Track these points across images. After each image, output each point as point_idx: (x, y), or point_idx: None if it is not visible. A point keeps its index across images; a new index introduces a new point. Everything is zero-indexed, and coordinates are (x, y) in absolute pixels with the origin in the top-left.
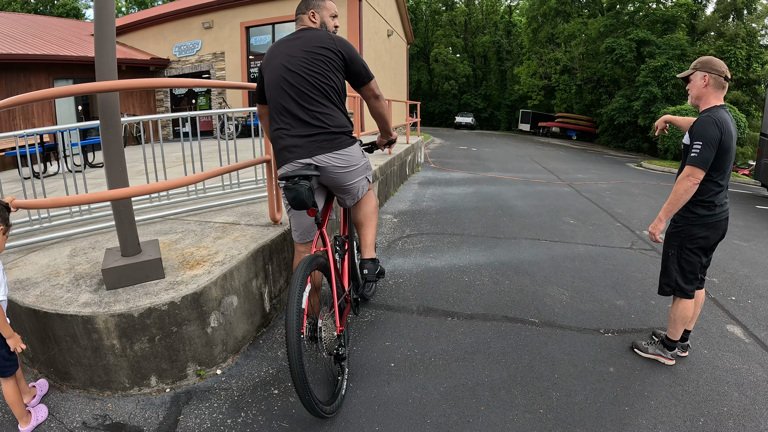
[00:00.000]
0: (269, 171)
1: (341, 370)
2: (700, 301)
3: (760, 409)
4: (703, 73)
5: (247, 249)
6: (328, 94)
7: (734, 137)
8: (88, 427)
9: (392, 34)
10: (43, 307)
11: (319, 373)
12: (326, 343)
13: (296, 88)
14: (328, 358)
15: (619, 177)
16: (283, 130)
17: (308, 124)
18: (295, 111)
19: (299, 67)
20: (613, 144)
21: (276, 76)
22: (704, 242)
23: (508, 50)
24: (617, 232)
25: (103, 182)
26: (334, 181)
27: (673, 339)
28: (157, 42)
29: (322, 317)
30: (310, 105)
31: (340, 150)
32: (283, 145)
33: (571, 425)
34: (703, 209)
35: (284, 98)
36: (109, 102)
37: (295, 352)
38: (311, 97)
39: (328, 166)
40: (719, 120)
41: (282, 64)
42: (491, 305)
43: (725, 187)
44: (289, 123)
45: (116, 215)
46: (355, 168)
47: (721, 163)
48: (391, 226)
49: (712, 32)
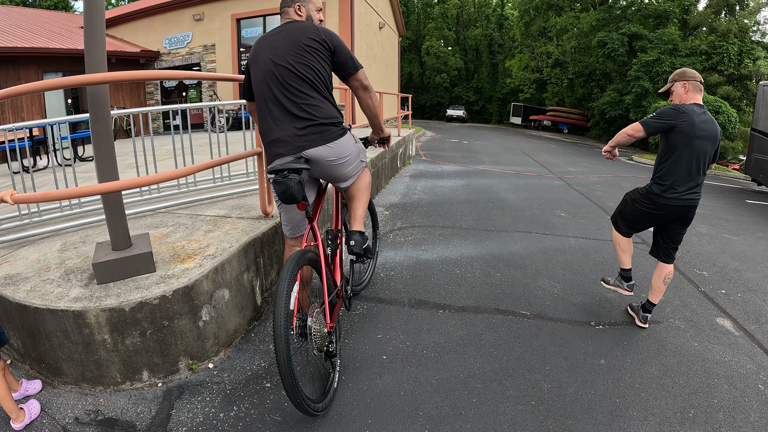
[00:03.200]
0: (260, 163)
1: (332, 366)
2: (665, 274)
3: (750, 402)
4: (682, 82)
5: (239, 242)
6: (315, 86)
7: (698, 128)
8: (81, 423)
9: (384, 26)
10: (34, 302)
11: (309, 370)
12: (316, 341)
13: (283, 80)
14: (318, 355)
15: (610, 170)
16: (271, 124)
17: (297, 117)
18: (283, 103)
19: (285, 60)
20: (604, 137)
21: (263, 71)
22: (648, 213)
23: (500, 43)
24: (608, 225)
25: (93, 176)
26: (326, 173)
27: (623, 267)
28: (147, 34)
29: (312, 314)
30: (297, 98)
31: (330, 143)
32: (272, 138)
33: (562, 417)
34: (656, 187)
35: (272, 92)
36: (98, 94)
37: (283, 352)
38: (299, 90)
39: (320, 159)
40: (683, 108)
41: (269, 58)
42: (483, 298)
43: (686, 176)
44: (277, 117)
45: (106, 209)
46: (347, 158)
47: (678, 145)
48: (382, 219)
49: (704, 27)
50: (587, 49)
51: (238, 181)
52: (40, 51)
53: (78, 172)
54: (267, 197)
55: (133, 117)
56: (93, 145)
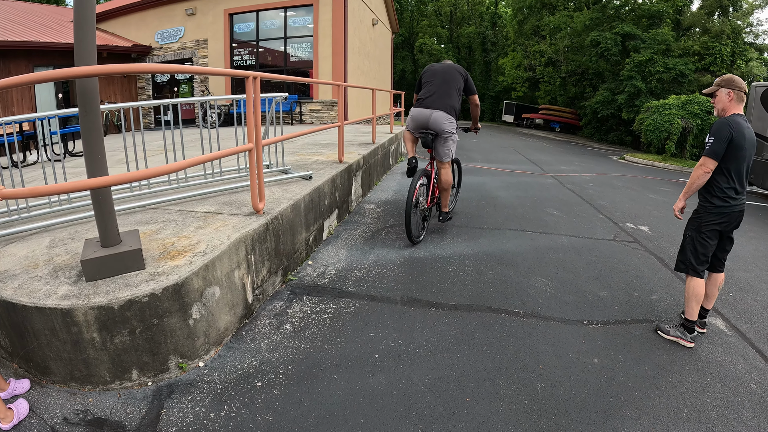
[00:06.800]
0: (252, 159)
1: (425, 226)
2: (719, 283)
3: (743, 401)
4: (728, 89)
5: (229, 239)
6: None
7: (747, 139)
8: (69, 423)
9: (377, 23)
10: (22, 300)
11: (415, 221)
12: (420, 210)
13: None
14: (420, 216)
15: (602, 169)
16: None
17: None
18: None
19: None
20: (596, 136)
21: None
22: (717, 228)
23: (493, 41)
24: (600, 224)
25: (84, 171)
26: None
27: (690, 319)
28: (139, 29)
29: (421, 197)
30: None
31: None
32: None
33: (555, 416)
34: (719, 200)
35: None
36: (88, 88)
37: (407, 211)
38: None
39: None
40: (732, 122)
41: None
42: (475, 296)
43: (739, 182)
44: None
45: (95, 205)
46: (451, 136)
47: (732, 158)
48: (374, 216)
49: (697, 28)
50: (580, 48)
51: (229, 177)
52: (31, 45)
53: (68, 168)
54: (259, 193)
55: (124, 111)
56: (82, 140)
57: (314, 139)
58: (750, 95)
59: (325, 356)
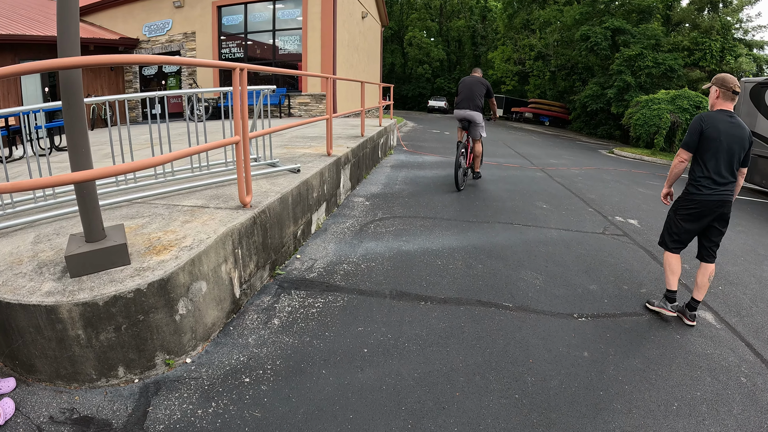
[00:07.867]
0: (239, 152)
1: (464, 179)
2: (709, 273)
3: (732, 394)
4: (716, 87)
5: (216, 233)
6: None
7: (723, 131)
8: (56, 422)
9: (366, 16)
10: (5, 297)
11: (459, 173)
12: (462, 167)
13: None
14: (462, 171)
15: (592, 163)
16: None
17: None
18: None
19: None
20: (585, 130)
21: (466, 89)
22: (690, 213)
23: (482, 35)
24: (589, 218)
25: (69, 165)
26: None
27: (670, 288)
28: (126, 21)
29: (462, 159)
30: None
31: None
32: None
33: (546, 410)
34: (692, 188)
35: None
36: (71, 80)
37: (456, 167)
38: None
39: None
40: (705, 117)
41: (467, 84)
42: (465, 289)
43: (716, 173)
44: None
45: (79, 199)
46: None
47: (704, 149)
48: (363, 209)
49: (687, 24)
50: (570, 42)
51: (216, 171)
52: (17, 38)
53: (54, 162)
54: (246, 187)
55: (110, 105)
56: (66, 133)
57: (303, 132)
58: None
59: (314, 351)
